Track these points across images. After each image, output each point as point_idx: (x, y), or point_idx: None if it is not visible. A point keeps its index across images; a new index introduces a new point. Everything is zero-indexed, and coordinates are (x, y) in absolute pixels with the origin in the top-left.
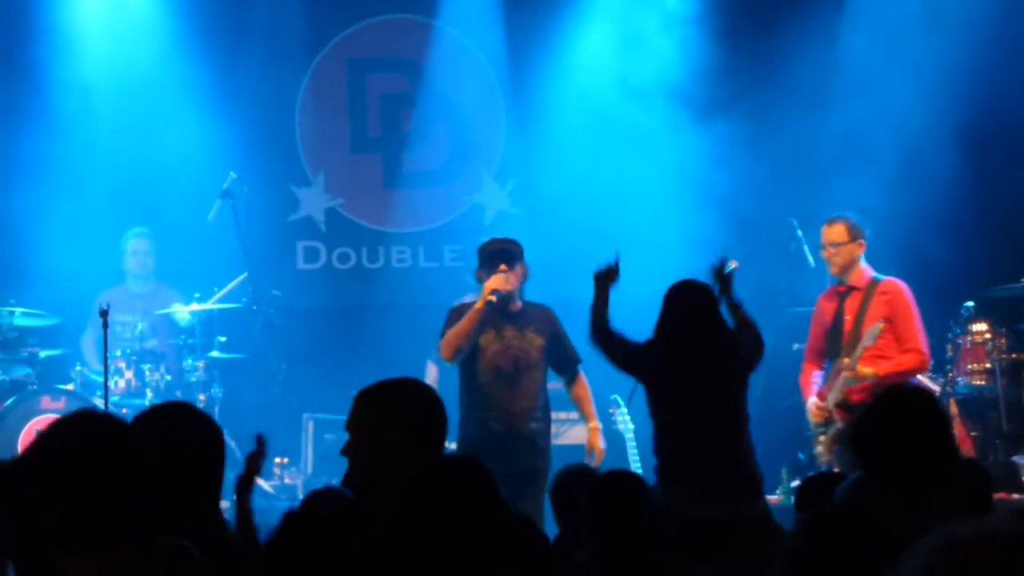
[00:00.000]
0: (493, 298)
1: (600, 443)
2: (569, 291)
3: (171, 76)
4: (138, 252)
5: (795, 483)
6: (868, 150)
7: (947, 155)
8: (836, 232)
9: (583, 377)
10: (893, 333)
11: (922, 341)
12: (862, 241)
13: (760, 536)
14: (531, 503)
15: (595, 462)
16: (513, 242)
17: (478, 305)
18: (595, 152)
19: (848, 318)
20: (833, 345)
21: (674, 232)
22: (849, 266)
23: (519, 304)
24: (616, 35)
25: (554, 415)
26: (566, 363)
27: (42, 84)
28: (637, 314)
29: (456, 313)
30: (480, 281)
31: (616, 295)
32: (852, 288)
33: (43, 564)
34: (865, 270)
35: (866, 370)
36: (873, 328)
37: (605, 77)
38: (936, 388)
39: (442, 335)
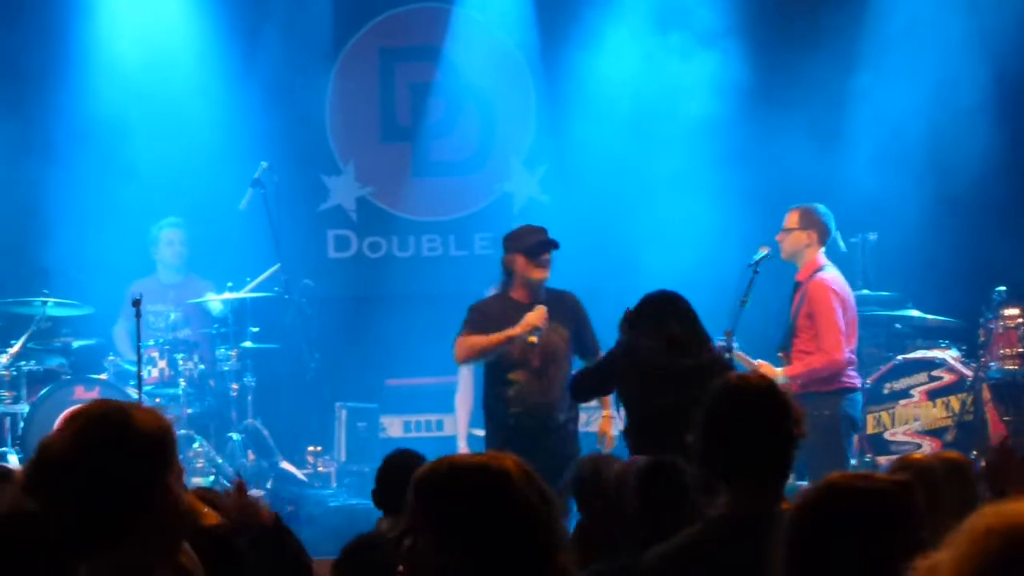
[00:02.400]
0: (534, 339)
1: (612, 430)
2: (598, 279)
3: (202, 66)
4: (172, 242)
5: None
6: (898, 133)
7: (979, 138)
8: (789, 218)
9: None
10: (813, 330)
11: (831, 341)
12: (812, 232)
13: None
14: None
15: (605, 448)
16: (546, 230)
17: (512, 332)
18: (626, 138)
19: (792, 312)
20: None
21: (703, 218)
22: (796, 255)
23: (543, 297)
24: (649, 19)
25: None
26: (588, 352)
27: (74, 75)
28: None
29: (478, 313)
30: (511, 267)
31: (648, 284)
32: (798, 283)
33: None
34: (813, 265)
35: (777, 371)
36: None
37: (636, 62)
38: (969, 373)
39: (461, 331)
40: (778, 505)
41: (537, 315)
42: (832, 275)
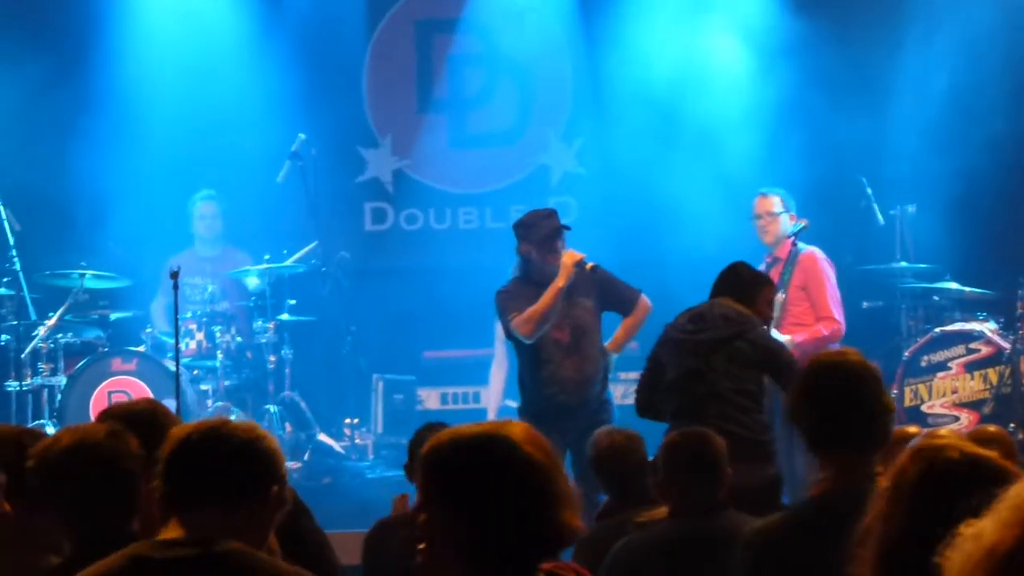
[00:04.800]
0: (588, 264)
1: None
2: (633, 252)
3: (239, 39)
4: (206, 216)
5: None
6: (939, 104)
7: (1021, 111)
8: (771, 202)
9: (641, 304)
10: (808, 301)
11: (834, 309)
12: (793, 213)
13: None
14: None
15: None
16: (556, 212)
17: (559, 284)
18: (662, 111)
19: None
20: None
21: (740, 191)
22: (780, 237)
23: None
24: None
25: (622, 375)
26: (626, 302)
27: (111, 49)
28: (706, 277)
29: (508, 294)
30: (527, 256)
31: (682, 257)
32: (777, 259)
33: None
34: (789, 241)
35: (785, 338)
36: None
37: (674, 35)
38: (1006, 345)
39: (509, 315)
40: (873, 478)
41: (570, 256)
42: (814, 248)
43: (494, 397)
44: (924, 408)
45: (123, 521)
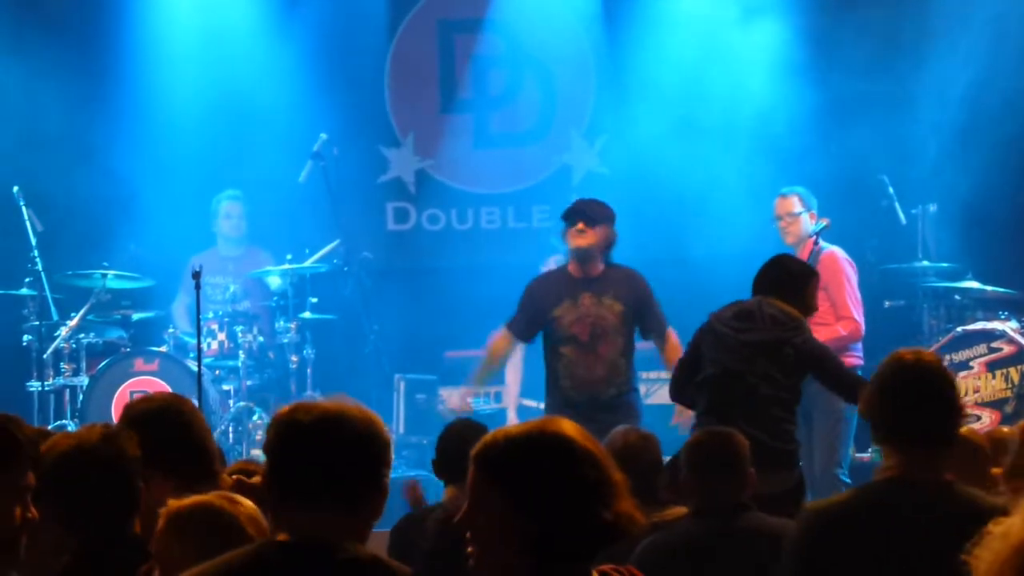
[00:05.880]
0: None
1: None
2: (657, 251)
3: (260, 38)
4: (231, 215)
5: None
6: (960, 103)
7: None
8: (791, 203)
9: (673, 339)
10: (829, 301)
11: (853, 309)
12: (813, 212)
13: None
14: None
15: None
16: (597, 203)
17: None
18: (685, 111)
19: None
20: None
21: (763, 191)
22: (802, 237)
23: (600, 267)
24: None
25: (643, 375)
26: (651, 330)
27: (133, 51)
28: (729, 275)
29: (527, 295)
30: (565, 240)
31: (705, 257)
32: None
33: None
34: (811, 241)
35: None
36: None
37: (697, 34)
38: None
39: (511, 317)
40: (943, 473)
41: (457, 401)
42: (836, 248)
43: (511, 396)
44: None
45: (124, 523)
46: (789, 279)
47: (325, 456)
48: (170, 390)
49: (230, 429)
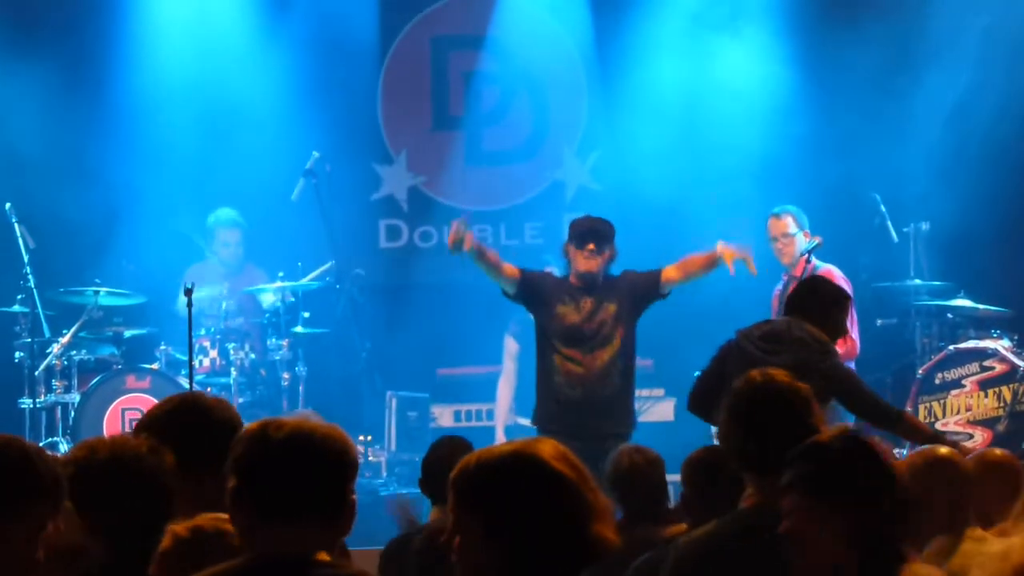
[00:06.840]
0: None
1: (730, 248)
2: (649, 267)
3: (252, 55)
4: (229, 243)
5: None
6: (951, 122)
7: None
8: (786, 223)
9: (674, 264)
10: None
11: (849, 327)
12: (807, 231)
13: None
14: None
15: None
16: (607, 223)
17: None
18: (677, 126)
19: None
20: None
21: (755, 208)
22: (797, 257)
23: (600, 282)
24: (702, 8)
25: (637, 392)
26: (654, 285)
27: (126, 65)
28: (721, 292)
29: (539, 272)
30: (566, 256)
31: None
32: (794, 277)
33: None
34: (804, 259)
35: None
36: None
37: (688, 51)
38: (1021, 363)
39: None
40: None
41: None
42: (832, 266)
43: (502, 413)
44: (938, 426)
45: (155, 535)
46: (820, 302)
47: (296, 472)
48: None
49: None
